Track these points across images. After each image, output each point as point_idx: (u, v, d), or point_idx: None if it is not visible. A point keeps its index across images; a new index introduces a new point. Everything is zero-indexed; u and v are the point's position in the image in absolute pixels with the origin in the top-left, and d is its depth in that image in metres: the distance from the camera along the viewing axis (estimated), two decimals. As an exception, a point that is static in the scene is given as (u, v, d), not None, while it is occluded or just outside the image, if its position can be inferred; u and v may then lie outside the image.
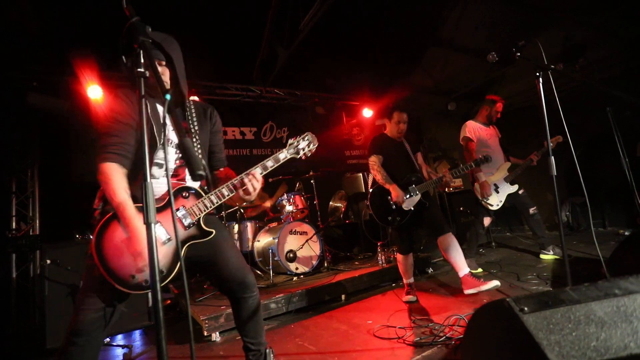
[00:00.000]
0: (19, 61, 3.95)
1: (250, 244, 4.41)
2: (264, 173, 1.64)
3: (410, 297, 3.07)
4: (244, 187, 1.56)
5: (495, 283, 2.79)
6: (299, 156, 1.78)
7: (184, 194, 1.54)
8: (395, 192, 2.93)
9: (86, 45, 3.95)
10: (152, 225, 0.75)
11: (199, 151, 1.64)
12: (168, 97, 0.72)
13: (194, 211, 1.53)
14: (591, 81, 3.91)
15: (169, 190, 1.02)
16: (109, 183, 1.34)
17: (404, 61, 5.73)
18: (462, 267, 2.91)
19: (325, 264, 4.22)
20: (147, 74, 0.82)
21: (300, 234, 4.16)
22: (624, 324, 0.73)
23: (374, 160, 3.12)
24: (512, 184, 3.83)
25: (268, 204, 4.92)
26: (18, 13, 3.48)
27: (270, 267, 3.77)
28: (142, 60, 0.82)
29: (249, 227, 4.52)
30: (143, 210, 1.45)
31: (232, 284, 1.66)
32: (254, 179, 1.57)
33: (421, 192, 3.02)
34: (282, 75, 5.17)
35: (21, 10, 3.48)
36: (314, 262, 4.11)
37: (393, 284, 3.79)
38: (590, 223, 2.16)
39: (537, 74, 1.71)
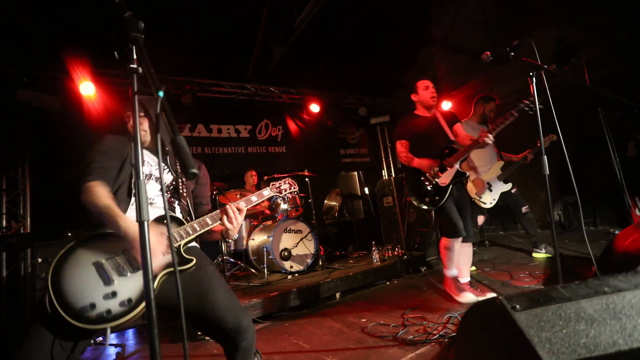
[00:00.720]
0: (9, 56, 3.88)
1: (245, 242, 4.41)
2: (249, 207, 1.61)
3: (467, 295, 2.68)
4: (227, 216, 1.50)
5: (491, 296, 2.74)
6: (280, 196, 1.90)
7: (164, 221, 1.45)
8: (424, 164, 2.69)
9: (78, 42, 3.90)
10: (146, 223, 0.75)
11: (186, 196, 1.66)
12: (161, 94, 0.71)
13: (174, 237, 1.42)
14: (582, 82, 3.96)
15: (164, 205, 0.97)
16: (92, 194, 1.34)
17: (398, 60, 5.74)
18: (466, 275, 2.85)
19: (320, 263, 4.22)
20: (140, 70, 0.81)
21: (295, 232, 4.16)
22: (612, 321, 0.74)
23: (397, 144, 2.90)
24: (505, 182, 3.86)
25: (266, 204, 4.90)
26: (8, 7, 3.42)
27: (265, 265, 3.77)
28: (135, 57, 0.82)
29: (244, 225, 4.52)
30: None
31: (223, 330, 1.40)
32: (237, 209, 1.53)
33: (457, 163, 2.71)
34: (277, 73, 5.16)
35: (12, 5, 3.42)
36: (309, 261, 4.12)
37: (387, 282, 3.81)
38: (581, 222, 2.19)
39: (531, 73, 1.73)
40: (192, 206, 1.71)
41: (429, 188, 2.71)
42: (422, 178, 2.72)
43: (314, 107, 6.03)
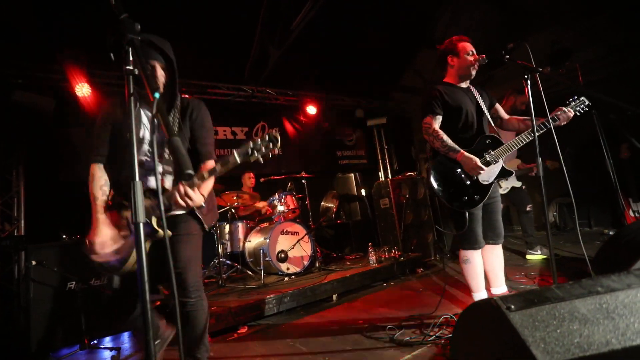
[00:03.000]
0: (4, 57, 3.86)
1: (241, 244, 4.39)
2: (211, 176, 1.54)
3: None
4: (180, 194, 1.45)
5: None
6: (252, 159, 1.50)
7: (146, 194, 1.54)
8: (466, 161, 2.15)
9: (75, 43, 3.88)
10: (141, 224, 0.74)
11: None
12: (157, 95, 0.71)
13: (148, 210, 1.51)
14: (576, 84, 4.00)
15: (157, 186, 0.91)
16: (90, 181, 1.57)
17: (395, 62, 5.77)
18: (502, 283, 2.42)
19: (317, 264, 4.22)
20: (136, 71, 0.81)
21: (292, 234, 4.16)
22: (606, 321, 0.75)
23: (428, 122, 2.27)
24: (518, 179, 3.86)
25: (260, 205, 4.91)
26: (3, 8, 3.40)
27: (262, 267, 3.76)
28: (131, 58, 0.82)
29: (240, 227, 4.50)
30: (120, 205, 1.59)
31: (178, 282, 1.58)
32: (185, 189, 1.45)
33: (502, 157, 2.24)
34: (274, 75, 5.16)
35: (7, 5, 3.40)
36: (305, 263, 4.11)
37: (384, 284, 3.81)
38: (576, 223, 2.21)
39: (525, 76, 1.75)
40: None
41: (467, 183, 2.21)
42: (459, 169, 2.22)
43: (311, 109, 6.04)
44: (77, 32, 3.68)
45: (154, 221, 1.51)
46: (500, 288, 2.39)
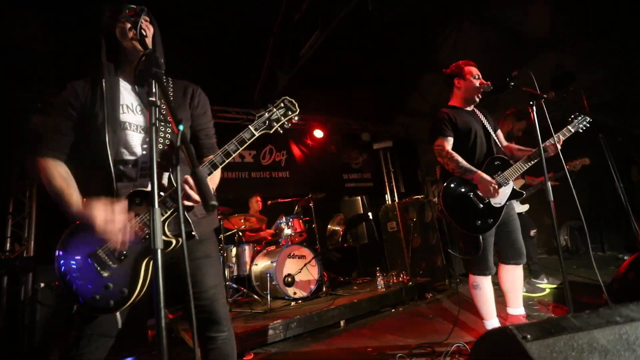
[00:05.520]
0: (24, 81, 4.02)
1: (247, 267, 4.36)
2: (227, 161, 1.42)
3: None
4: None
5: None
6: (272, 130, 1.41)
7: (137, 200, 1.26)
8: (483, 182, 2.12)
9: (92, 68, 4.04)
10: (159, 251, 0.75)
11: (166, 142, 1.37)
12: (182, 127, 0.74)
13: (145, 223, 1.25)
14: (581, 107, 4.03)
15: (152, 186, 0.78)
16: (46, 175, 1.26)
17: (402, 86, 5.89)
18: (520, 304, 2.36)
19: (324, 289, 4.15)
20: (159, 102, 0.85)
21: (299, 258, 4.12)
22: (627, 352, 0.73)
23: (440, 144, 2.28)
24: (522, 203, 3.66)
25: (264, 233, 4.88)
26: (24, 33, 3.56)
27: (268, 291, 3.71)
28: (154, 91, 0.86)
29: (247, 250, 4.48)
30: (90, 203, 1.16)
31: (200, 313, 1.32)
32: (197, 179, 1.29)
33: (512, 179, 2.22)
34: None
35: (28, 31, 3.56)
36: (312, 287, 4.05)
37: (392, 309, 3.72)
38: (589, 247, 2.17)
39: (531, 102, 1.78)
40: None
41: (480, 207, 2.17)
42: (471, 194, 2.19)
43: (318, 133, 6.14)
44: (96, 58, 3.83)
45: (166, 229, 1.25)
46: (518, 309, 2.34)
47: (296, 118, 1.45)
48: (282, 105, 1.42)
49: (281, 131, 1.39)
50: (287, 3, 4.05)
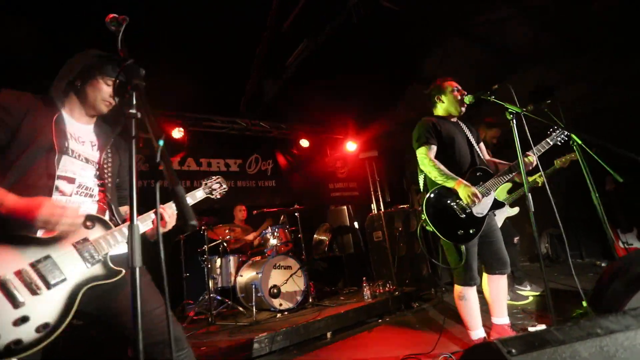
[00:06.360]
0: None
1: (232, 278, 4.28)
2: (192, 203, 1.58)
3: None
4: (163, 220, 1.38)
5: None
6: (212, 196, 1.88)
7: (87, 223, 1.22)
8: (465, 188, 2.12)
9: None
10: (137, 269, 0.73)
11: (109, 180, 1.42)
12: (162, 142, 0.72)
13: (100, 244, 1.21)
14: (557, 121, 4.17)
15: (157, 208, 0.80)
16: None
17: (388, 96, 5.98)
18: (505, 314, 2.38)
19: (310, 300, 4.11)
20: (139, 115, 0.83)
21: (285, 269, 4.08)
22: (608, 365, 0.74)
23: (424, 153, 2.30)
24: (511, 206, 3.63)
25: (251, 237, 4.84)
26: (22, 44, 3.46)
27: (253, 303, 3.64)
28: (135, 102, 0.84)
29: (232, 261, 4.41)
30: (27, 240, 1.06)
31: (155, 344, 1.25)
32: (168, 211, 1.41)
33: (493, 190, 2.25)
34: (269, 108, 5.29)
35: (24, 42, 3.46)
36: (299, 298, 4.00)
37: (379, 320, 3.71)
38: (567, 255, 2.23)
39: (510, 115, 1.84)
40: (114, 192, 1.46)
41: (461, 217, 2.18)
42: (453, 204, 2.19)
43: (304, 142, 6.15)
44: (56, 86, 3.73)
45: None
46: (503, 318, 2.38)
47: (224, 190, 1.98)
48: (218, 180, 1.94)
49: (218, 197, 1.92)
50: (275, 13, 4.08)
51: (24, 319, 0.99)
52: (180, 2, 3.57)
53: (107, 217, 1.33)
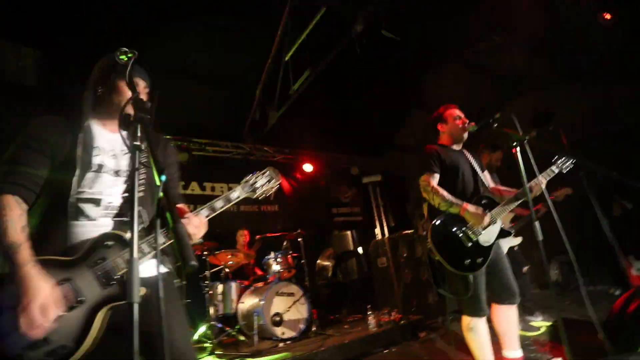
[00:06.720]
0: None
1: (234, 305, 4.17)
2: (212, 215, 1.37)
3: None
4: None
5: None
6: (255, 195, 1.51)
7: (106, 243, 1.18)
8: (472, 211, 2.11)
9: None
10: (135, 304, 0.71)
11: (144, 189, 1.32)
12: (164, 178, 0.72)
13: (117, 264, 1.16)
14: (562, 146, 4.17)
15: (131, 227, 0.74)
16: (1, 218, 1.07)
17: (389, 122, 6.06)
18: (517, 346, 2.26)
19: (313, 328, 3.98)
20: (143, 147, 0.84)
21: (288, 295, 3.98)
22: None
23: (426, 180, 2.28)
24: (515, 236, 3.54)
25: (241, 256, 4.71)
26: (19, 66, 3.57)
27: (255, 331, 3.53)
28: (139, 134, 0.85)
29: (234, 287, 4.32)
30: (48, 262, 1.06)
31: None
32: (193, 221, 1.28)
33: (499, 218, 2.21)
34: (272, 133, 5.37)
35: (22, 64, 3.57)
36: (302, 326, 3.88)
37: (385, 351, 3.56)
38: (579, 284, 2.15)
39: (514, 143, 1.84)
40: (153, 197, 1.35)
41: (468, 245, 2.13)
42: (459, 232, 2.14)
43: (307, 167, 6.18)
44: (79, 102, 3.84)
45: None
46: (516, 351, 2.24)
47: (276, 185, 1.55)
48: (267, 174, 1.55)
49: (261, 197, 1.50)
50: (278, 42, 4.22)
51: (45, 340, 1.00)
52: (187, 31, 3.71)
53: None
